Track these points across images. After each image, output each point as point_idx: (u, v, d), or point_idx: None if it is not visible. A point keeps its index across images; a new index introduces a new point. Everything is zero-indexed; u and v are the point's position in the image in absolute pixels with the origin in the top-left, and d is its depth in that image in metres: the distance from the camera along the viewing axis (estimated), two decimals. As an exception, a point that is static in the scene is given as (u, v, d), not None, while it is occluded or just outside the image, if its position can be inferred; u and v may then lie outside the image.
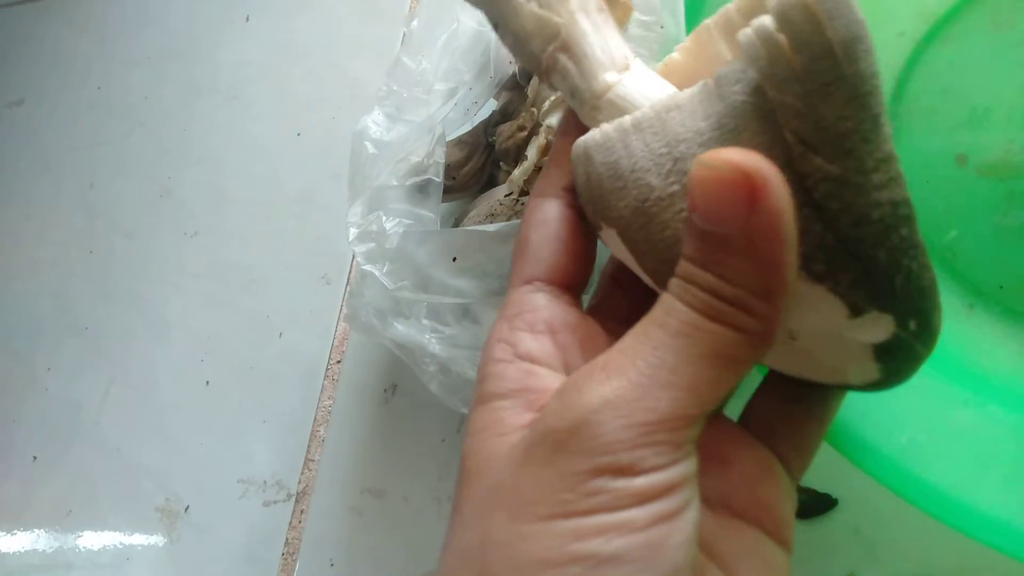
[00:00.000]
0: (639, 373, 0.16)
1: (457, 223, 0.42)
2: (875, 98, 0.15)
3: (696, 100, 0.17)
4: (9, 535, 0.54)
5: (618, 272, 0.24)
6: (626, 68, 0.20)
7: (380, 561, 0.44)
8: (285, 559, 0.47)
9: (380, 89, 0.40)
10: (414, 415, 0.47)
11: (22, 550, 0.54)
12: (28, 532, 0.54)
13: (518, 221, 0.35)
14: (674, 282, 0.17)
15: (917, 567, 0.35)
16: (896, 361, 0.17)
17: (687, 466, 0.16)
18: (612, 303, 0.24)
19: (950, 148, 0.31)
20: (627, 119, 0.18)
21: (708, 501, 0.19)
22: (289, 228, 0.56)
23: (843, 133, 0.15)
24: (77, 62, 0.71)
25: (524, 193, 0.40)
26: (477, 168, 0.44)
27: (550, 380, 0.19)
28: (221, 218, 0.59)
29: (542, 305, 0.21)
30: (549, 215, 0.22)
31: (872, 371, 0.17)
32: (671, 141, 0.17)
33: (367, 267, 0.37)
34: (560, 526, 0.15)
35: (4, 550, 0.54)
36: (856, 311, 0.16)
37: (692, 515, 0.16)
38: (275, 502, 0.48)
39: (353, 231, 0.38)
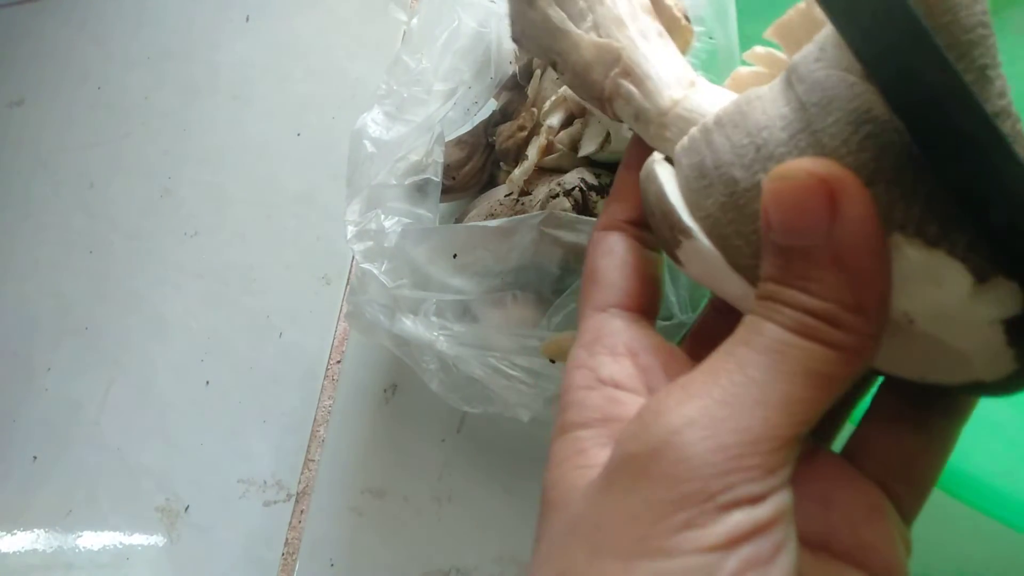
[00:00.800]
0: (724, 391, 0.15)
1: (457, 223, 0.42)
2: (981, 48, 0.14)
3: (776, 90, 0.17)
4: (9, 535, 0.54)
5: (719, 301, 0.23)
6: (691, 85, 0.20)
7: (380, 561, 0.44)
8: (285, 559, 0.47)
9: (380, 88, 0.40)
10: (414, 415, 0.47)
11: (22, 550, 0.54)
12: (28, 532, 0.54)
13: (519, 217, 0.35)
14: (758, 303, 0.16)
15: (918, 567, 0.35)
16: None
17: (782, 499, 0.14)
18: (707, 329, 0.23)
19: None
20: (709, 118, 0.18)
21: (807, 542, 0.17)
22: (289, 228, 0.56)
23: None
24: (77, 62, 0.71)
25: (524, 193, 0.40)
26: (477, 168, 0.44)
27: (635, 407, 0.18)
28: (221, 218, 0.59)
29: (620, 328, 0.20)
30: (616, 246, 0.21)
31: (1006, 360, 0.15)
32: (752, 130, 0.17)
33: (366, 265, 0.37)
34: (644, 567, 0.14)
35: (4, 550, 0.54)
36: (980, 276, 0.15)
37: (788, 560, 0.14)
38: (275, 502, 0.48)
39: (351, 229, 0.38)
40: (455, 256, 0.37)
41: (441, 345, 0.35)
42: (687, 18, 0.20)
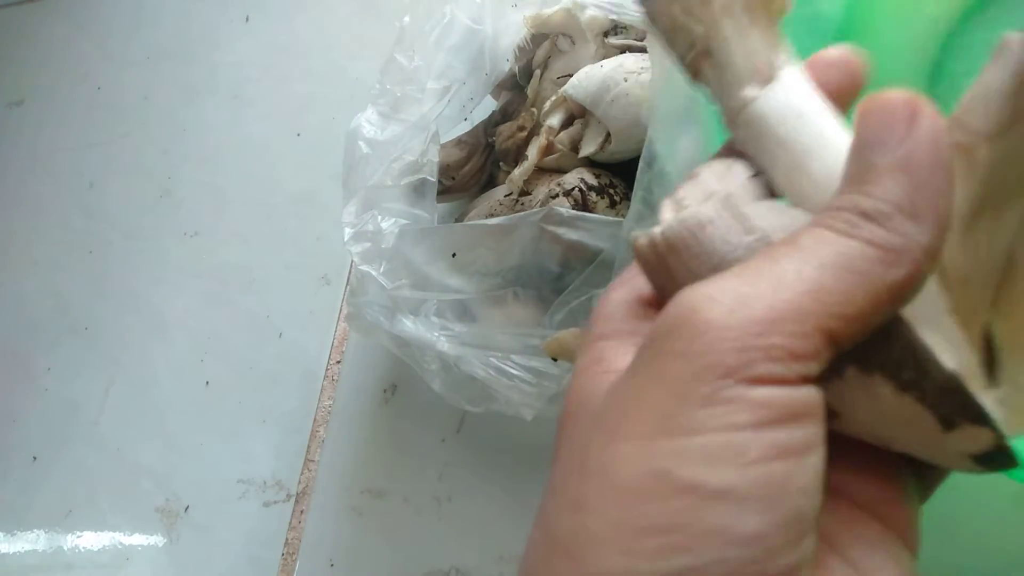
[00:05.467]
0: (754, 275, 0.14)
1: (457, 223, 0.42)
2: None
3: (727, 217, 0.16)
4: (9, 535, 0.54)
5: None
6: (769, 79, 0.18)
7: (380, 561, 0.44)
8: (285, 559, 0.47)
9: (374, 87, 0.40)
10: (414, 415, 0.47)
11: (22, 550, 0.54)
12: (28, 532, 0.54)
13: (519, 214, 0.35)
14: (815, 216, 0.16)
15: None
16: (997, 465, 0.16)
17: (810, 394, 0.14)
18: None
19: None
20: (659, 239, 0.17)
21: (829, 489, 0.16)
22: (289, 228, 0.56)
23: None
24: (77, 62, 0.71)
25: (524, 193, 0.40)
26: (477, 168, 0.44)
27: None
28: (221, 218, 0.59)
29: None
30: None
31: (973, 469, 0.16)
32: (717, 263, 0.16)
33: (364, 267, 0.37)
34: (662, 446, 0.13)
35: (4, 550, 0.54)
36: (947, 424, 0.15)
37: (817, 461, 0.14)
38: (275, 502, 0.48)
39: (348, 231, 0.38)
40: (454, 255, 0.37)
41: (442, 345, 0.35)
42: None
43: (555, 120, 0.40)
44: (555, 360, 0.34)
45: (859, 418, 0.16)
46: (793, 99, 0.18)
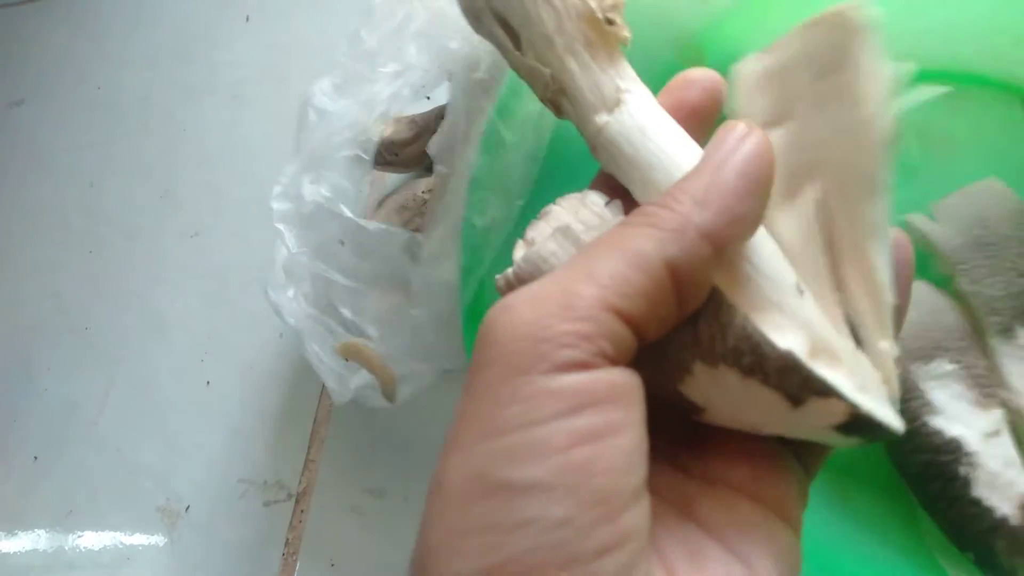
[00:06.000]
0: (550, 278, 0.15)
1: (383, 199, 0.45)
2: None
3: (565, 245, 0.18)
4: (9, 535, 0.54)
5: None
6: (617, 104, 0.20)
7: (380, 561, 0.44)
8: (285, 559, 0.47)
9: (337, 60, 0.42)
10: (414, 415, 0.47)
11: (22, 550, 0.54)
12: (28, 532, 0.54)
13: (380, 230, 0.37)
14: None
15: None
16: (868, 435, 0.16)
17: (611, 376, 0.15)
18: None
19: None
20: (509, 273, 0.18)
21: (706, 478, 0.18)
22: (289, 228, 0.56)
23: None
24: (77, 62, 0.71)
25: None
26: (420, 151, 0.45)
27: None
28: (221, 218, 0.59)
29: None
30: None
31: (851, 443, 0.17)
32: None
33: (279, 225, 0.39)
34: (480, 451, 0.14)
35: (4, 550, 0.54)
36: (794, 400, 0.16)
37: (625, 442, 0.14)
38: (275, 502, 0.48)
39: (277, 188, 0.40)
40: (342, 243, 0.39)
41: (289, 319, 0.39)
42: (610, 21, 0.20)
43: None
44: (346, 360, 0.39)
45: (720, 408, 0.17)
46: (637, 119, 0.19)
